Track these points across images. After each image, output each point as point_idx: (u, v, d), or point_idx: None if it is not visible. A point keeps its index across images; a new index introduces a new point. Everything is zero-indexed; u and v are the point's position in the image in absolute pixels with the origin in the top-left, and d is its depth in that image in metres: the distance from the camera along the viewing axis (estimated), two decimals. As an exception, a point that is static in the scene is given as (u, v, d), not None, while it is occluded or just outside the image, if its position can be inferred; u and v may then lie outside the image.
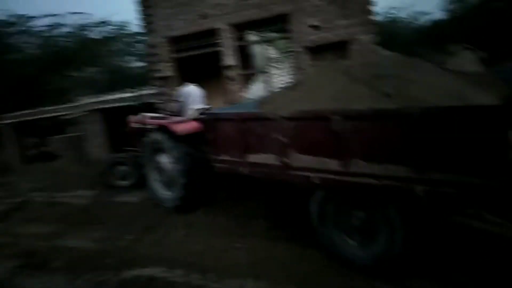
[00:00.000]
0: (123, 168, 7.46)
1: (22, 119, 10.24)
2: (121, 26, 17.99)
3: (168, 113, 6.69)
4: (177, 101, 6.51)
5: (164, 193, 6.20)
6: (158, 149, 6.15)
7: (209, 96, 7.14)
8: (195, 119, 5.81)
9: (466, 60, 12.24)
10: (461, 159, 2.83)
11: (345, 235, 3.86)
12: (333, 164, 3.58)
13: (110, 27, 17.36)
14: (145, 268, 4.21)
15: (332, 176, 3.60)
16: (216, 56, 8.45)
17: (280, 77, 8.15)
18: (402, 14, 20.88)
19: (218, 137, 4.91)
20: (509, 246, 3.82)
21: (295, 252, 4.13)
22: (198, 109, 6.10)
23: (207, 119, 5.13)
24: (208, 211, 5.62)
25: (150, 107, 7.27)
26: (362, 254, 3.70)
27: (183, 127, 5.72)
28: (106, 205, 6.58)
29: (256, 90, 8.18)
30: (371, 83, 3.90)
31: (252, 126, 4.36)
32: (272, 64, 8.15)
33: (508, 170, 2.64)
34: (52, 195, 7.51)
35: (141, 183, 6.83)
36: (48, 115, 10.01)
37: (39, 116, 10.11)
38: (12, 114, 10.48)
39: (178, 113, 6.49)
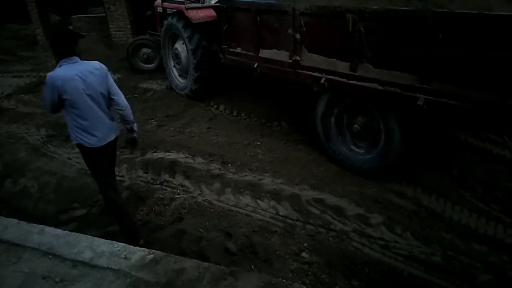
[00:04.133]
0: (146, 50, 7.33)
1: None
2: None
3: None
4: None
5: (180, 81, 6.25)
6: (176, 35, 5.97)
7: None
8: (212, 7, 5.40)
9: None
10: (467, 71, 2.73)
11: (344, 139, 4.01)
12: (342, 66, 3.55)
13: None
14: (168, 153, 4.40)
15: (339, 79, 3.59)
16: None
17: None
18: None
19: (231, 27, 4.76)
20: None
21: (314, 156, 4.23)
22: None
23: (221, 7, 4.86)
24: (231, 108, 5.66)
25: None
26: (359, 157, 3.88)
27: (199, 14, 5.36)
28: (131, 89, 6.64)
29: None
30: None
31: (266, 18, 4.21)
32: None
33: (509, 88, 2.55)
34: (78, 73, 7.55)
35: (163, 67, 6.74)
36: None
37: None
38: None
39: None
